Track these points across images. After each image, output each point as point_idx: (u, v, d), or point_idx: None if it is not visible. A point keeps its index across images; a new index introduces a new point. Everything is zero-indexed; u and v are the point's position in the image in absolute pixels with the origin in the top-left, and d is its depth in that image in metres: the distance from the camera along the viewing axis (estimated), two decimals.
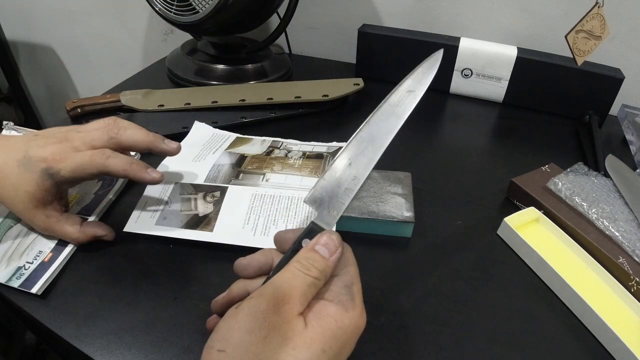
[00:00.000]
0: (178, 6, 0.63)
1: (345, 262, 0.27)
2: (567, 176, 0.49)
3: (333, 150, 0.53)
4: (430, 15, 0.79)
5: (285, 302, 0.23)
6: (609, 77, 0.64)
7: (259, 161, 0.50)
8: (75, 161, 0.37)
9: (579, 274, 0.41)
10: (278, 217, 0.43)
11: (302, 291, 0.24)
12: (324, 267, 0.25)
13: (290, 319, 0.23)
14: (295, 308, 0.23)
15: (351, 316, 0.24)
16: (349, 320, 0.24)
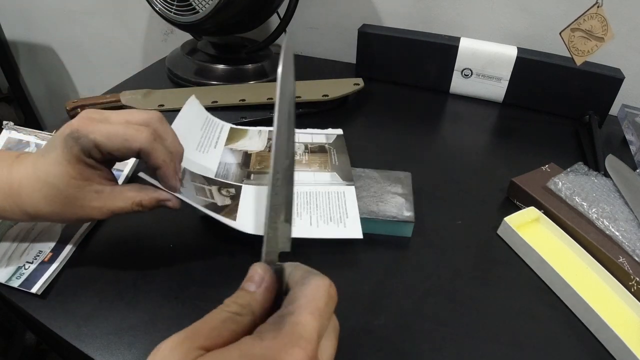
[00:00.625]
0: (178, 6, 0.63)
1: (295, 296, 0.23)
2: (567, 176, 0.49)
3: (333, 140, 0.54)
4: (430, 15, 0.79)
5: (189, 337, 0.21)
6: (609, 77, 0.64)
7: (264, 159, 0.50)
8: (110, 129, 0.33)
9: (579, 273, 0.41)
10: (301, 210, 0.43)
11: (212, 325, 0.21)
12: (247, 301, 0.23)
13: (186, 353, 0.20)
14: (197, 341, 0.21)
15: (266, 346, 0.20)
16: (261, 350, 0.20)
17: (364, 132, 0.63)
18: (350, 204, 0.44)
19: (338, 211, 0.43)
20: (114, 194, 0.34)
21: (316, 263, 0.43)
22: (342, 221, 0.42)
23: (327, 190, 0.46)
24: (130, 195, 0.35)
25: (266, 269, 0.24)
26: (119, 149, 0.33)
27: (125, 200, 0.35)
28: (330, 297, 0.23)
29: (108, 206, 0.34)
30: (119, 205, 0.34)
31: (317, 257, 0.43)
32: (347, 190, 0.46)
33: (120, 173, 0.50)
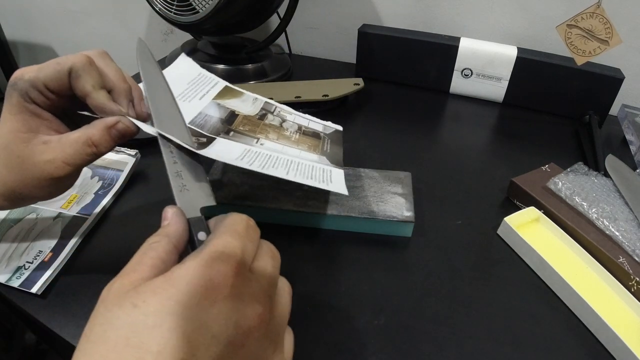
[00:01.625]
0: (178, 6, 0.63)
1: (214, 229, 0.25)
2: (567, 176, 0.49)
3: (330, 131, 0.51)
4: (430, 15, 0.79)
5: (119, 277, 0.22)
6: (609, 77, 0.64)
7: (251, 124, 0.46)
8: (44, 64, 0.31)
9: (579, 273, 0.41)
10: (278, 165, 0.39)
11: (135, 260, 0.23)
12: (162, 231, 0.25)
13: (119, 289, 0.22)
14: (125, 278, 0.22)
15: (187, 266, 0.21)
16: (180, 272, 0.21)
17: (364, 132, 0.63)
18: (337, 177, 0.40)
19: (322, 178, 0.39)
20: (62, 142, 0.31)
21: (316, 262, 0.43)
22: (325, 181, 0.39)
23: (312, 164, 0.41)
24: (77, 136, 0.31)
25: (174, 207, 0.27)
26: (52, 78, 0.31)
27: (75, 144, 0.31)
28: (248, 225, 0.25)
29: (59, 157, 0.31)
30: (69, 152, 0.31)
31: (317, 257, 0.43)
32: (335, 170, 0.42)
33: (120, 173, 0.50)
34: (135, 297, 0.20)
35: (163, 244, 0.24)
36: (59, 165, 0.31)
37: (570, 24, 0.56)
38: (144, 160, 0.52)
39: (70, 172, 0.31)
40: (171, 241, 0.24)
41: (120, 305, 0.20)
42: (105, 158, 0.51)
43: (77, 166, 0.31)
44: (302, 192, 0.46)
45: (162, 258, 0.23)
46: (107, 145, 0.32)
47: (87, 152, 0.31)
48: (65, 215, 0.44)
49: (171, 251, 0.24)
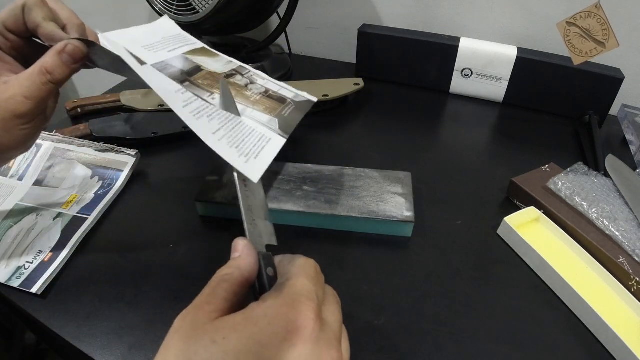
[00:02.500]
0: (178, 6, 0.63)
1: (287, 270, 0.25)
2: (567, 176, 0.49)
3: (299, 100, 0.46)
4: (430, 15, 0.79)
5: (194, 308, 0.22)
6: (609, 77, 0.64)
7: (213, 79, 0.42)
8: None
9: (579, 273, 0.41)
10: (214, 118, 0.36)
11: (208, 292, 0.23)
12: (232, 263, 0.25)
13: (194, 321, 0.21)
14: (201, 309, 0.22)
15: (269, 305, 0.21)
16: (262, 311, 0.21)
17: (364, 132, 0.63)
18: (269, 150, 0.36)
19: (251, 148, 0.35)
20: (19, 78, 0.31)
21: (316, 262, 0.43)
22: (248, 157, 0.34)
23: (254, 126, 0.38)
24: (31, 68, 0.32)
25: (245, 239, 0.26)
26: (8, 16, 0.33)
27: (31, 77, 0.31)
28: (317, 270, 0.26)
29: (18, 92, 0.31)
30: (27, 85, 0.31)
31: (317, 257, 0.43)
32: (275, 138, 0.37)
33: (120, 173, 0.50)
34: (214, 332, 0.20)
35: (236, 277, 0.24)
36: (20, 101, 0.31)
37: (569, 22, 0.56)
38: (144, 160, 0.52)
39: (32, 107, 0.31)
40: (243, 274, 0.24)
41: (197, 340, 0.20)
42: (106, 158, 0.51)
43: (37, 99, 0.32)
44: (302, 192, 0.46)
45: (235, 291, 0.23)
46: (61, 72, 0.32)
47: (42, 81, 0.31)
48: (65, 215, 0.44)
49: (243, 284, 0.24)
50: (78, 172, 0.49)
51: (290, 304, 0.21)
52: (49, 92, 0.32)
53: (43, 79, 0.32)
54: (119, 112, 0.62)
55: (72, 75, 0.33)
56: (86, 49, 0.33)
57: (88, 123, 0.57)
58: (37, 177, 0.49)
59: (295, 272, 0.24)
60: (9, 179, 0.48)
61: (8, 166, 0.50)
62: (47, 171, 0.49)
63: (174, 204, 0.48)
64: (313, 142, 0.60)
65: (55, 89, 0.33)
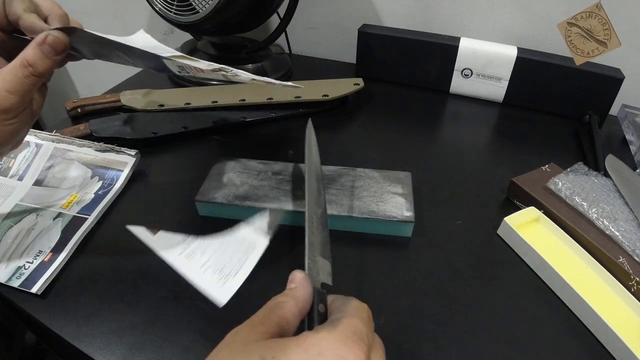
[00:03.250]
0: (178, 6, 0.63)
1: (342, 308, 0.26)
2: (567, 176, 0.49)
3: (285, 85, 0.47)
4: (430, 15, 0.79)
5: (248, 325, 0.23)
6: (609, 77, 0.64)
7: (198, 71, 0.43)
8: None
9: (579, 273, 0.41)
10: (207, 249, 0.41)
11: (263, 314, 0.24)
12: (288, 292, 0.26)
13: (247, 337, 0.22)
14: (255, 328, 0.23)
15: (321, 337, 0.22)
16: (315, 341, 0.22)
17: (364, 132, 0.63)
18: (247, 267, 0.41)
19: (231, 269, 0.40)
20: (1, 72, 0.31)
21: None
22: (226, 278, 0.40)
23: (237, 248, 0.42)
24: (13, 62, 0.31)
25: (303, 272, 0.27)
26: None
27: (13, 70, 0.31)
28: (370, 315, 0.26)
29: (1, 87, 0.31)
30: (9, 78, 0.31)
31: None
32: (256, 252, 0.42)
33: (120, 173, 0.50)
34: (264, 350, 0.21)
35: (290, 306, 0.24)
36: (3, 95, 0.30)
37: (570, 22, 0.56)
38: (144, 160, 0.52)
39: (16, 101, 0.31)
40: (297, 305, 0.25)
41: (247, 355, 0.21)
42: (106, 158, 0.51)
43: (20, 93, 0.31)
44: (302, 192, 0.46)
45: (288, 319, 0.24)
46: (43, 64, 0.32)
47: (25, 74, 0.31)
48: (65, 215, 0.44)
49: (296, 315, 0.24)
50: (78, 172, 0.49)
51: (343, 340, 0.22)
52: (33, 86, 0.32)
53: (25, 71, 0.31)
54: (119, 112, 0.62)
55: (55, 67, 0.33)
56: (67, 39, 0.32)
57: (88, 123, 0.57)
58: (37, 177, 0.49)
59: (350, 312, 0.25)
60: (9, 179, 0.48)
61: (8, 166, 0.50)
62: (47, 171, 0.49)
63: (174, 204, 0.48)
64: None
65: (38, 81, 0.32)
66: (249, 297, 0.38)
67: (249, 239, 0.43)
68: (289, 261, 0.42)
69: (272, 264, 0.41)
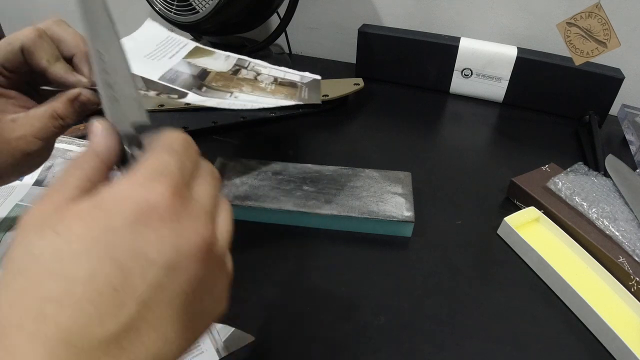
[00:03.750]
0: (178, 6, 0.63)
1: (149, 146, 0.22)
2: (567, 176, 0.49)
3: (307, 80, 0.49)
4: (430, 15, 0.79)
5: (36, 202, 0.20)
6: (609, 77, 0.64)
7: (225, 79, 0.44)
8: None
9: (579, 273, 0.41)
10: None
11: (57, 183, 0.20)
12: (88, 146, 0.22)
13: (32, 208, 0.19)
14: (43, 196, 0.19)
15: (117, 187, 0.19)
16: (110, 193, 0.19)
17: (364, 132, 0.63)
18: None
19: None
20: (29, 117, 0.31)
21: (316, 262, 0.43)
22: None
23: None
24: (43, 110, 0.31)
25: (102, 119, 0.23)
26: (6, 59, 0.31)
27: (42, 119, 0.31)
28: (186, 142, 0.22)
29: (29, 132, 0.31)
30: (38, 126, 0.31)
31: (317, 257, 0.43)
32: None
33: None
34: (57, 223, 0.18)
35: (90, 162, 0.21)
36: (31, 141, 0.31)
37: (569, 22, 0.56)
38: None
39: (42, 145, 0.32)
40: (100, 157, 0.21)
41: (40, 234, 0.18)
42: None
43: (47, 139, 0.32)
44: (302, 192, 0.46)
45: (89, 177, 0.20)
46: (73, 117, 0.32)
47: (54, 125, 0.31)
48: None
49: (100, 169, 0.21)
50: None
51: (142, 182, 0.19)
52: (59, 134, 0.32)
53: (55, 122, 0.32)
54: None
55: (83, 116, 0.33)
56: (98, 99, 0.30)
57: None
58: (37, 177, 0.48)
59: (155, 148, 0.21)
60: None
61: None
62: (47, 171, 0.49)
63: None
64: (313, 142, 0.60)
65: (64, 130, 0.33)
66: (247, 299, 0.38)
67: None
68: (289, 261, 0.42)
69: (271, 264, 0.41)
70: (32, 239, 0.18)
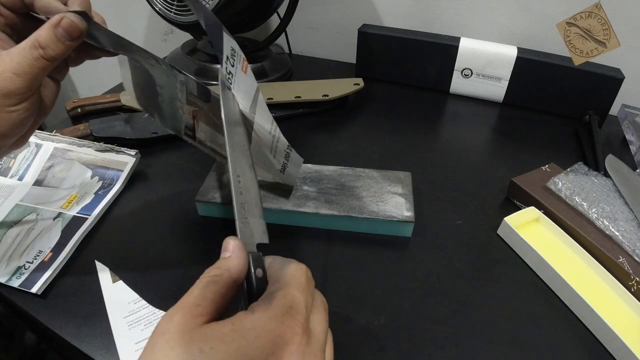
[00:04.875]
0: (178, 6, 0.63)
1: (278, 277, 0.25)
2: (567, 176, 0.49)
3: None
4: (430, 15, 0.79)
5: (180, 309, 0.21)
6: (609, 77, 0.64)
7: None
8: None
9: (579, 273, 0.41)
10: None
11: (196, 293, 0.22)
12: (222, 264, 0.24)
13: (183, 324, 0.21)
14: (189, 312, 0.21)
15: (257, 318, 0.21)
16: (251, 323, 0.21)
17: (364, 132, 0.63)
18: None
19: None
20: (10, 53, 0.29)
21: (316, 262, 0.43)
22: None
23: None
24: (24, 42, 0.29)
25: (236, 239, 0.25)
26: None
27: (22, 51, 0.29)
28: (308, 277, 0.25)
29: (7, 68, 0.28)
30: (17, 60, 0.28)
31: (317, 257, 0.43)
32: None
33: (120, 173, 0.50)
34: (202, 341, 0.20)
35: (225, 279, 0.23)
36: (8, 77, 0.28)
37: (569, 22, 0.56)
38: (144, 160, 0.52)
39: (22, 85, 0.29)
40: (232, 276, 0.24)
41: (185, 348, 0.20)
42: (106, 158, 0.51)
43: (27, 76, 0.29)
44: (302, 192, 0.46)
45: (223, 294, 0.23)
46: (55, 48, 0.29)
47: (34, 56, 0.29)
48: (65, 215, 0.44)
49: (232, 287, 0.24)
50: (78, 172, 0.49)
51: (279, 317, 0.21)
52: (41, 70, 0.29)
53: (35, 53, 0.29)
54: (119, 112, 0.62)
55: (67, 53, 0.30)
56: (84, 25, 0.30)
57: (88, 123, 0.57)
58: (37, 177, 0.49)
59: (285, 282, 0.24)
60: (9, 179, 0.48)
61: (8, 166, 0.50)
62: (47, 171, 0.49)
63: (174, 204, 0.48)
64: (313, 142, 0.60)
65: (48, 66, 0.29)
66: None
67: None
68: None
69: None
70: (177, 350, 0.20)
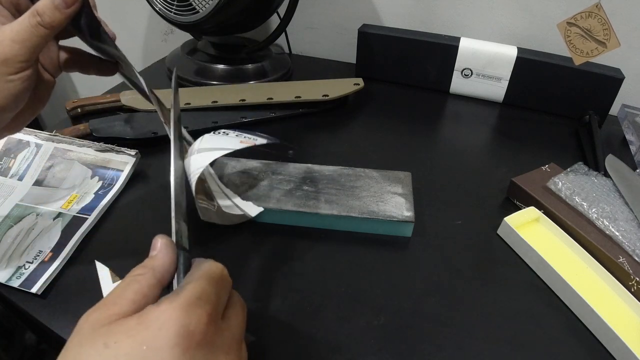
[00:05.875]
0: (178, 6, 0.63)
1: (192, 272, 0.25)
2: (567, 176, 0.49)
3: None
4: (430, 15, 0.79)
5: (98, 308, 0.22)
6: (609, 77, 0.64)
7: None
8: None
9: (579, 273, 0.41)
10: None
11: (117, 293, 0.23)
12: (147, 262, 0.25)
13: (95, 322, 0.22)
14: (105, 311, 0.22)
15: (162, 309, 0.21)
16: (155, 315, 0.21)
17: (364, 132, 0.63)
18: None
19: None
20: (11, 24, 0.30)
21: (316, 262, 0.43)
22: None
23: None
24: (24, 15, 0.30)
25: (165, 237, 0.26)
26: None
27: (22, 20, 0.29)
28: (223, 275, 0.26)
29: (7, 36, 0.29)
30: (16, 28, 0.29)
31: (317, 257, 0.43)
32: None
33: (120, 173, 0.50)
34: (107, 336, 0.20)
35: (147, 278, 0.24)
36: (7, 44, 0.29)
37: (570, 22, 0.56)
38: (144, 160, 0.52)
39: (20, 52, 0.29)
40: (155, 275, 0.24)
41: (92, 343, 0.20)
42: (106, 158, 0.51)
43: (25, 43, 0.29)
44: (302, 192, 0.46)
45: (144, 293, 0.23)
46: (52, 15, 0.30)
47: (32, 24, 0.29)
48: (65, 215, 0.44)
49: (154, 285, 0.24)
50: (78, 172, 0.49)
51: (184, 307, 0.21)
52: (39, 38, 0.30)
53: (32, 20, 0.29)
54: (119, 112, 0.62)
55: (64, 22, 0.31)
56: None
57: (88, 123, 0.57)
58: (37, 177, 0.49)
59: (197, 276, 0.24)
60: (9, 179, 0.48)
61: (8, 166, 0.50)
62: (47, 171, 0.49)
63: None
64: (313, 142, 0.60)
65: (46, 34, 0.30)
66: (248, 300, 0.38)
67: None
68: (289, 261, 0.42)
69: (271, 265, 0.41)
70: (85, 346, 0.21)
